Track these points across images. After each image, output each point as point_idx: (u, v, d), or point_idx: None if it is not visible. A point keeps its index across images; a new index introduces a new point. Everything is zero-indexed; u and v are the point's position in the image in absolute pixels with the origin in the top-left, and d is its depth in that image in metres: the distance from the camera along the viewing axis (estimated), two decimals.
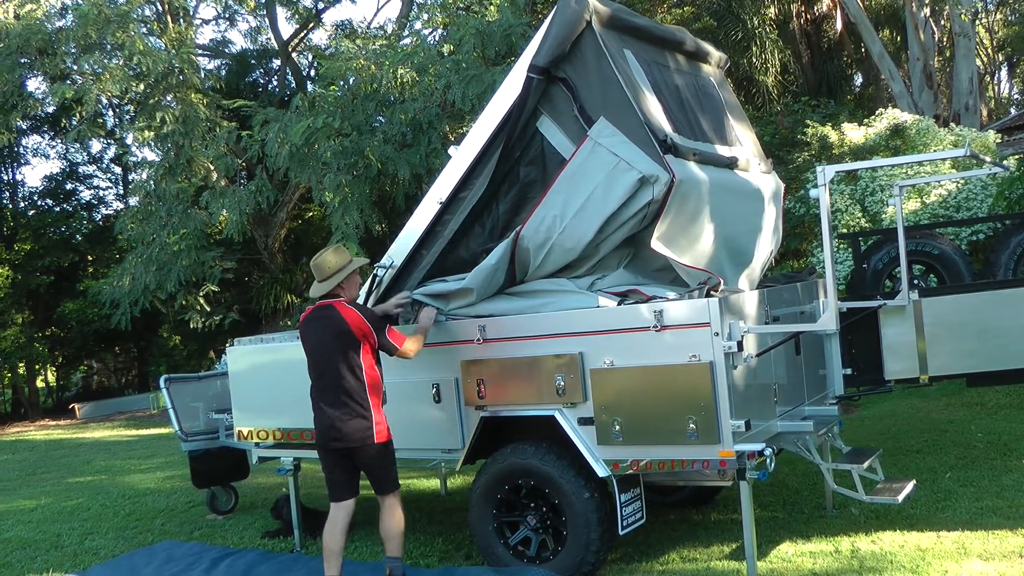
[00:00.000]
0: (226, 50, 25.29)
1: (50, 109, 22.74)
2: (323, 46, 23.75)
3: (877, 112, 13.75)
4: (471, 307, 5.86)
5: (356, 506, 5.72)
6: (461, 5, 15.25)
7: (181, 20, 19.75)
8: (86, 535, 8.13)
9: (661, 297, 5.22)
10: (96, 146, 27.31)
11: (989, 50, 30.62)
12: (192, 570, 6.52)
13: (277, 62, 24.31)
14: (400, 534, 5.60)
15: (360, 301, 6.26)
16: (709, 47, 6.85)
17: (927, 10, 19.64)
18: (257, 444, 7.09)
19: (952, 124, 15.44)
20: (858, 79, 25.97)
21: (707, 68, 6.78)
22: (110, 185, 28.76)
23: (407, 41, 16.74)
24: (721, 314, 4.94)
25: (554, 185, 5.54)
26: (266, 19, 23.07)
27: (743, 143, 6.55)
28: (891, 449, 8.15)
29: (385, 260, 6.19)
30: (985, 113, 23.89)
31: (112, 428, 18.53)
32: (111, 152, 26.92)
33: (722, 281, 5.27)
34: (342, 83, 14.47)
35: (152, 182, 17.52)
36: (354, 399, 5.39)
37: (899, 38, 23.83)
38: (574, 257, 5.56)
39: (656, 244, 5.33)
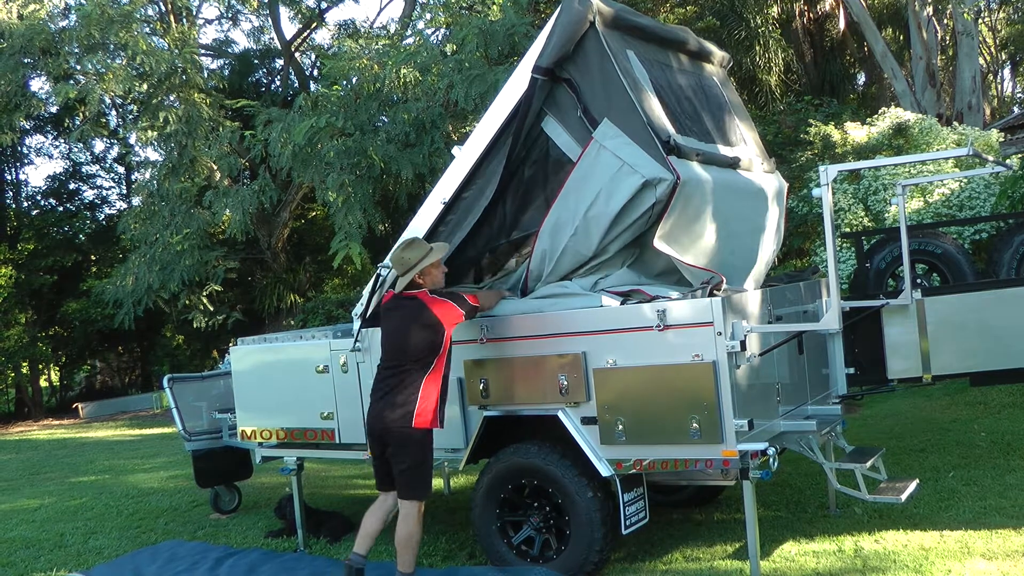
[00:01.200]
0: (229, 50, 25.32)
1: (53, 109, 22.79)
2: (326, 46, 23.82)
3: (880, 111, 13.74)
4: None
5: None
6: (464, 5, 15.26)
7: (184, 20, 19.79)
8: (90, 534, 8.14)
9: (664, 297, 5.23)
10: (99, 146, 27.39)
11: (992, 49, 30.58)
12: (196, 569, 6.53)
13: (280, 62, 24.33)
14: (405, 547, 5.38)
15: (364, 301, 6.28)
16: (712, 47, 6.85)
17: (930, 9, 19.62)
18: (260, 444, 7.10)
19: (955, 123, 15.42)
20: (861, 78, 25.96)
21: (710, 68, 6.78)
22: (113, 185, 28.83)
23: (410, 41, 16.74)
24: (724, 314, 4.94)
25: (563, 190, 5.56)
26: (269, 19, 23.11)
27: (746, 143, 6.55)
28: (894, 448, 8.15)
29: (388, 260, 6.18)
30: (988, 112, 23.84)
31: (115, 428, 18.55)
32: (114, 152, 26.98)
33: (724, 280, 5.28)
34: (345, 83, 14.50)
35: (155, 182, 17.57)
36: (410, 388, 5.29)
37: (902, 37, 23.81)
38: (584, 260, 5.58)
39: (659, 243, 5.34)
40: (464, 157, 5.91)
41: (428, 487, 5.44)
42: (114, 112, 21.35)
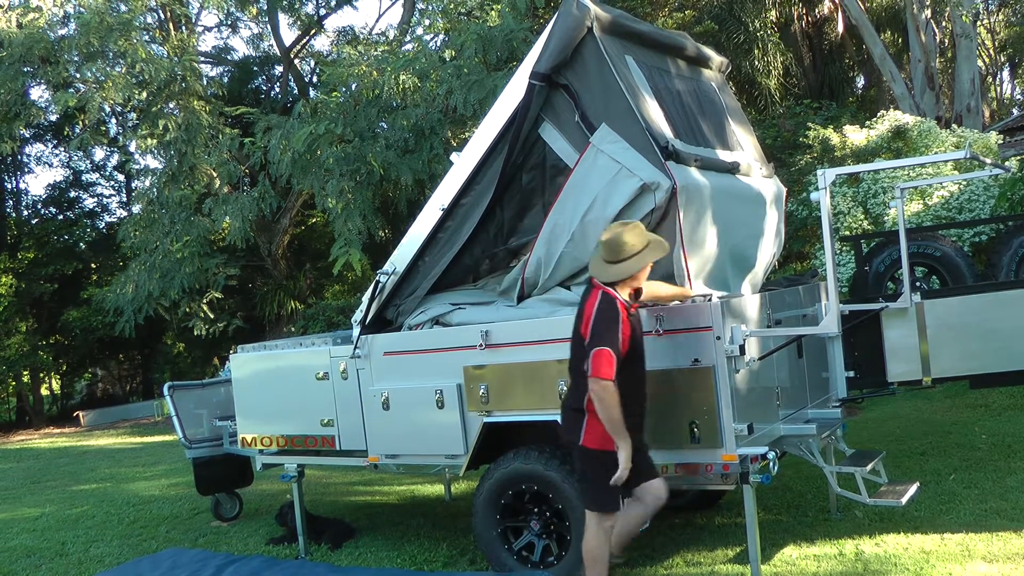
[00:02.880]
0: (228, 57, 25.34)
1: (53, 117, 22.82)
2: (325, 52, 23.81)
3: (879, 114, 13.74)
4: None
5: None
6: (462, 11, 15.29)
7: (183, 27, 19.79)
8: (91, 543, 8.14)
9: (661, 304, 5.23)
10: (99, 154, 27.41)
11: (991, 51, 30.60)
12: None
13: (279, 69, 24.35)
14: (594, 558, 4.90)
15: (364, 307, 6.27)
16: (710, 51, 6.87)
17: (928, 11, 19.63)
18: (261, 451, 7.11)
19: (954, 125, 15.43)
20: (860, 81, 25.99)
21: (708, 72, 6.80)
22: (113, 193, 28.85)
23: (409, 47, 16.80)
24: (723, 318, 4.95)
25: (560, 195, 5.56)
26: (268, 26, 23.11)
27: (744, 147, 6.56)
28: (894, 451, 8.15)
29: (388, 266, 6.20)
30: (987, 114, 23.85)
31: (116, 435, 18.55)
32: (114, 160, 26.96)
33: (714, 295, 5.26)
34: (344, 89, 14.52)
35: (155, 189, 17.56)
36: (574, 392, 4.85)
37: (900, 40, 23.83)
38: (581, 266, 5.57)
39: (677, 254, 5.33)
40: (462, 163, 5.92)
41: (593, 502, 4.91)
42: (114, 120, 21.35)
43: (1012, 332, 5.86)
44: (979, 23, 24.17)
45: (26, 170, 28.04)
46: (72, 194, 28.01)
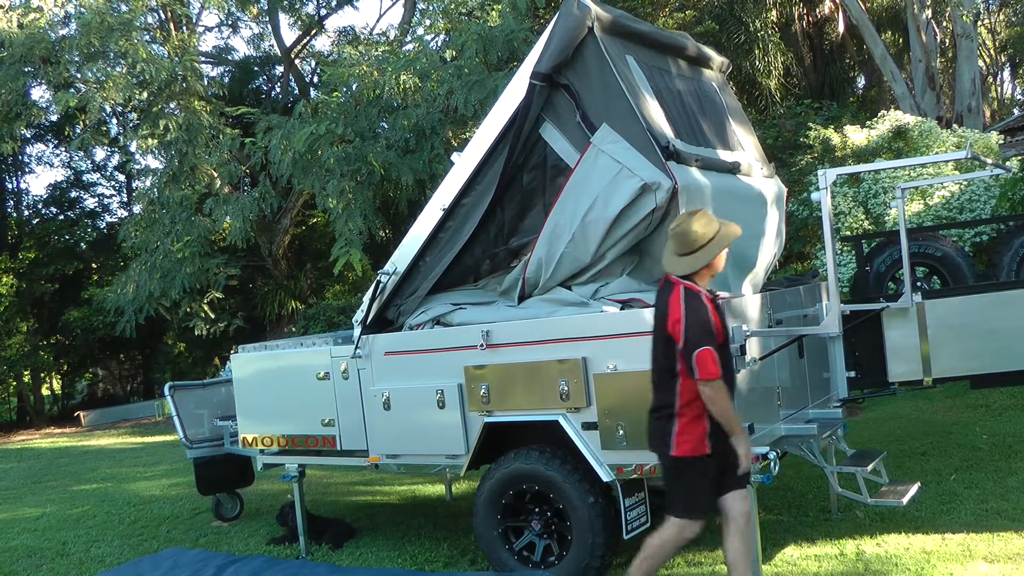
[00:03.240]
0: (229, 57, 25.33)
1: (54, 117, 22.80)
2: (326, 52, 23.79)
3: (880, 114, 13.74)
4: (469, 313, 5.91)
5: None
6: (463, 11, 15.28)
7: (184, 28, 19.78)
8: (92, 543, 8.15)
9: None
10: (100, 154, 27.39)
11: (992, 51, 30.61)
12: None
13: (280, 69, 24.35)
14: (654, 563, 4.75)
15: (364, 308, 6.27)
16: (711, 52, 6.87)
17: (929, 11, 19.63)
18: (262, 451, 7.11)
19: (955, 125, 15.43)
20: (860, 81, 25.99)
21: (709, 73, 6.80)
22: (114, 193, 28.81)
23: (409, 47, 16.82)
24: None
25: (561, 195, 5.56)
26: (269, 26, 23.11)
27: (745, 147, 6.56)
28: (895, 451, 8.15)
29: (388, 266, 6.20)
30: (988, 114, 23.87)
31: (117, 435, 18.55)
32: (115, 160, 26.95)
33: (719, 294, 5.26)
34: (345, 89, 14.52)
35: (156, 189, 17.56)
36: (661, 393, 4.64)
37: (901, 40, 23.83)
38: (582, 266, 5.58)
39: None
40: (463, 164, 5.92)
41: (684, 509, 4.72)
42: (114, 120, 21.35)
43: (1013, 332, 5.86)
44: (980, 23, 24.17)
45: (27, 170, 28.04)
46: (73, 194, 28.00)
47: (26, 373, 24.94)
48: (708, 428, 4.54)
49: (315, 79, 23.55)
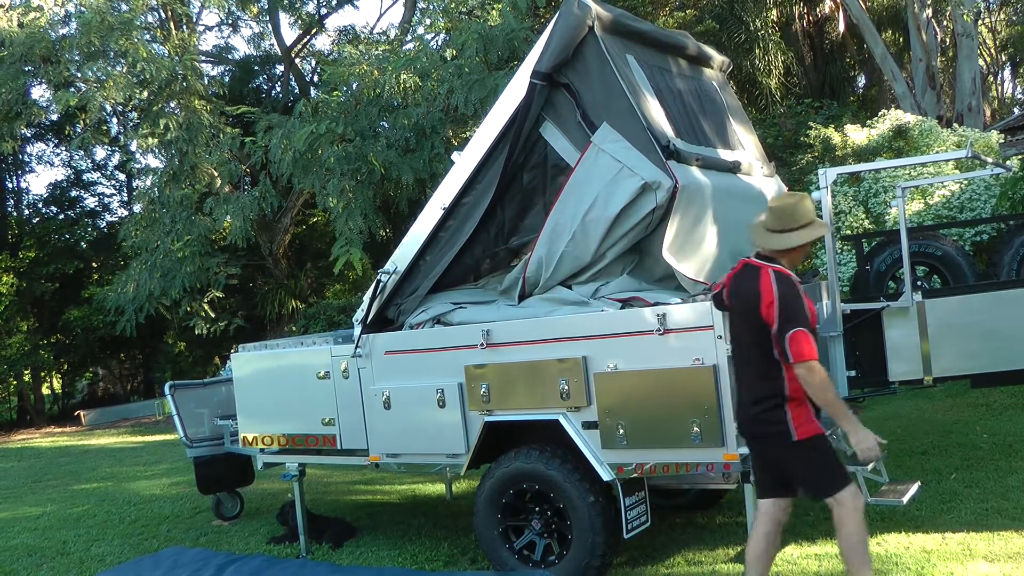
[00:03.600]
0: (229, 56, 25.33)
1: (54, 117, 22.83)
2: (326, 52, 23.79)
3: (880, 113, 13.74)
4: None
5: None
6: (463, 10, 15.28)
7: (184, 27, 19.79)
8: (92, 542, 8.15)
9: (664, 302, 5.22)
10: (100, 153, 27.40)
11: (992, 50, 30.60)
12: None
13: (280, 68, 24.35)
14: (855, 548, 4.39)
15: (365, 307, 6.27)
16: (711, 51, 6.86)
17: (929, 11, 19.63)
18: (262, 450, 7.11)
19: (955, 125, 15.42)
20: (861, 80, 25.99)
21: (709, 72, 6.80)
22: (114, 192, 28.82)
23: (410, 46, 16.81)
24: (724, 317, 4.94)
25: (561, 194, 5.56)
26: (269, 25, 23.11)
27: (745, 147, 6.56)
28: (896, 451, 8.14)
29: (389, 266, 6.20)
30: (988, 113, 23.86)
31: (117, 435, 18.56)
32: (115, 159, 26.95)
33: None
34: (345, 88, 14.52)
35: (156, 189, 17.56)
36: (765, 382, 4.44)
37: (901, 39, 23.82)
38: (582, 265, 5.58)
39: (667, 255, 5.33)
40: (463, 163, 5.92)
41: (830, 486, 4.50)
42: (115, 119, 21.35)
43: (1013, 331, 5.87)
44: (980, 22, 24.15)
45: (27, 169, 28.03)
46: (73, 193, 28.00)
47: (26, 372, 24.96)
48: (812, 409, 4.42)
49: (315, 78, 23.55)
